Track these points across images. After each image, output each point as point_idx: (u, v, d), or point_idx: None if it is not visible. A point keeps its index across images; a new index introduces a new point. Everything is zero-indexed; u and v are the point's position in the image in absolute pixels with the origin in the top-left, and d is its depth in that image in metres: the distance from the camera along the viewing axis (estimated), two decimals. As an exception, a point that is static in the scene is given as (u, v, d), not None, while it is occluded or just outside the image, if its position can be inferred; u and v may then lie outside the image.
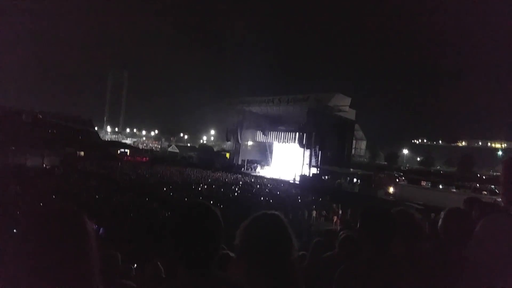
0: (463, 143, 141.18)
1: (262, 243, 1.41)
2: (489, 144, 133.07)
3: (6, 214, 9.60)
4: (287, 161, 43.29)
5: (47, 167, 33.12)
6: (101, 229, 9.83)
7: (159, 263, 4.76)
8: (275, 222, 1.49)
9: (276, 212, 1.54)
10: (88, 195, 18.05)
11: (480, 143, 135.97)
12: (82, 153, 47.86)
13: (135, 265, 5.34)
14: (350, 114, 40.50)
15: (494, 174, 69.09)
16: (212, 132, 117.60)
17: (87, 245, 1.06)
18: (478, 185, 40.01)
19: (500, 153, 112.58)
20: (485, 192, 31.99)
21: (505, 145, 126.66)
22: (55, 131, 54.44)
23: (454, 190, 32.07)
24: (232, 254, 2.45)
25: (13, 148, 36.20)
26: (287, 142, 43.07)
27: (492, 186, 38.50)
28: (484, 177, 57.54)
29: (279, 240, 1.44)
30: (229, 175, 35.67)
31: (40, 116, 57.93)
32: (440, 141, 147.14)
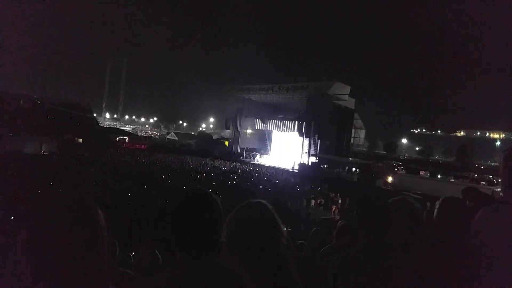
0: (462, 133, 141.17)
1: (249, 233, 1.43)
2: (487, 134, 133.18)
3: (4, 201, 9.60)
4: (286, 149, 43.30)
5: (45, 153, 33.01)
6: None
7: (156, 250, 4.77)
8: (260, 211, 1.49)
9: (261, 200, 1.54)
10: (86, 183, 18.04)
11: (478, 133, 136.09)
12: (80, 140, 47.63)
13: (133, 253, 5.36)
14: (349, 103, 40.27)
15: (493, 164, 69.34)
16: (211, 119, 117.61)
17: (100, 238, 1.04)
18: (476, 175, 40.12)
19: (498, 143, 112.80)
20: (483, 182, 32.07)
21: (504, 135, 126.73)
22: (53, 117, 54.11)
23: (453, 180, 32.19)
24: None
25: (10, 134, 35.91)
26: (286, 130, 42.95)
27: (490, 176, 38.67)
28: (482, 167, 57.80)
29: (265, 228, 1.45)
30: (228, 163, 35.71)
31: (38, 102, 57.63)
32: (439, 131, 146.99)
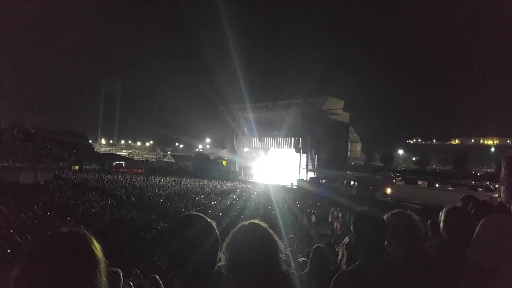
0: (457, 141, 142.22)
1: (246, 255, 1.40)
2: (481, 141, 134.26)
3: None
4: (284, 166, 43.12)
5: (41, 182, 32.63)
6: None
7: (157, 276, 4.69)
8: (254, 232, 1.48)
9: (252, 221, 1.53)
10: (84, 210, 17.84)
11: (473, 141, 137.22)
12: (76, 167, 47.27)
13: (131, 281, 5.27)
14: (344, 117, 40.58)
15: (488, 170, 69.56)
16: (208, 140, 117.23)
17: (96, 273, 1.01)
18: (473, 182, 40.20)
19: (492, 149, 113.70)
20: (481, 189, 32.11)
21: (497, 141, 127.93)
22: (48, 145, 53.95)
23: (451, 188, 32.19)
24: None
25: (5, 164, 35.63)
26: (283, 147, 42.97)
27: (487, 183, 38.72)
28: (478, 174, 57.89)
29: (262, 248, 1.43)
30: (226, 182, 35.55)
31: (32, 131, 57.58)
32: (434, 140, 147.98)
